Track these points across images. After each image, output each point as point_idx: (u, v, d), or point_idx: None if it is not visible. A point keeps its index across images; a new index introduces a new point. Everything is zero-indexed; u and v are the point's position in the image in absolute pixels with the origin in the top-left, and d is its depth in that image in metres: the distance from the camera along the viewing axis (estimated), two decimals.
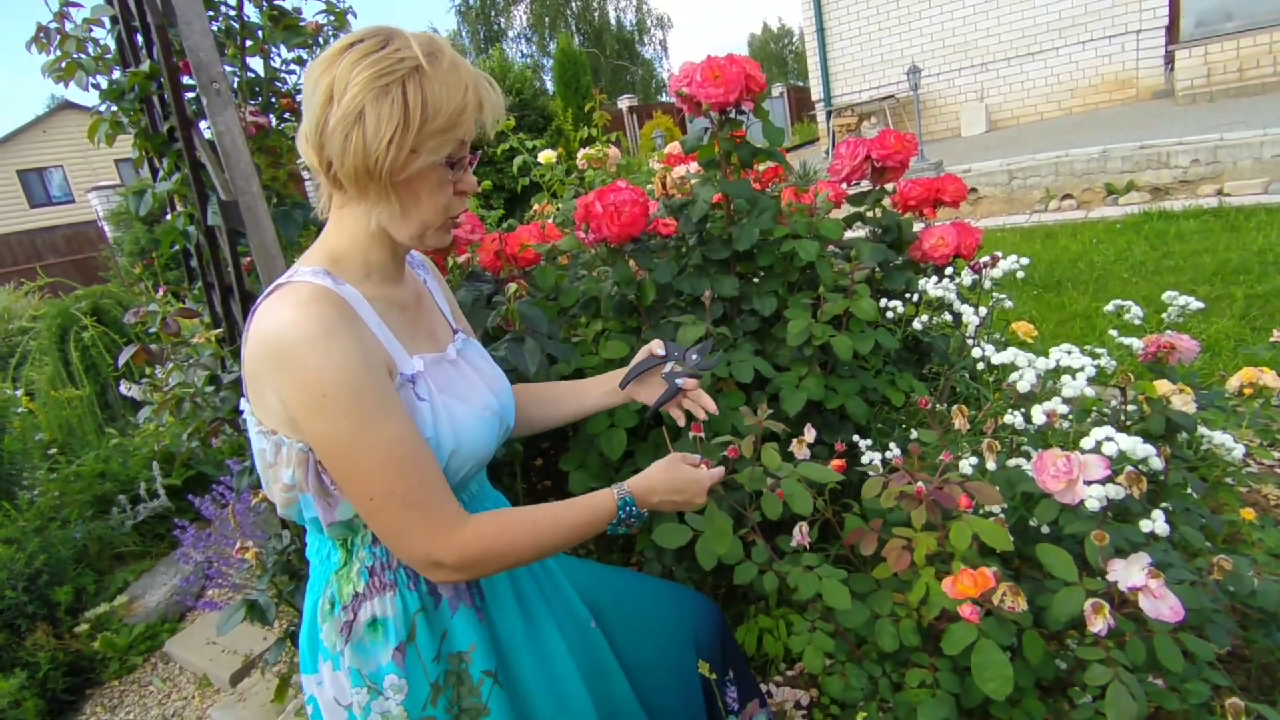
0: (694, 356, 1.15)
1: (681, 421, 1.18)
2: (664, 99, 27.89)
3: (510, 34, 28.90)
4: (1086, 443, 0.98)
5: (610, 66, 28.06)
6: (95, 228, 12.08)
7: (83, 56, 1.45)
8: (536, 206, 2.70)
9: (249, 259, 1.48)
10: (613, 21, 29.15)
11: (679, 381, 1.13)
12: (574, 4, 28.33)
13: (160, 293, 1.68)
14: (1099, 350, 1.47)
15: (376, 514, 0.84)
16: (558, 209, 2.64)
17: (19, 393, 3.92)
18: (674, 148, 2.79)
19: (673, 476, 1.02)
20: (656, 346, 1.17)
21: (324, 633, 0.95)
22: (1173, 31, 8.60)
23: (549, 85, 17.31)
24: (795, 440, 1.19)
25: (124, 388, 3.70)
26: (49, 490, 3.04)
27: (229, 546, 2.36)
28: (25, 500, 2.84)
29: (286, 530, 1.64)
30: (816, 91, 11.38)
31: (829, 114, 11.04)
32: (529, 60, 27.68)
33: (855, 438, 1.44)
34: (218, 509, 2.37)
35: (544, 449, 2.04)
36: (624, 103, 15.36)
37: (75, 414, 3.73)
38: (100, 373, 3.88)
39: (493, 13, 28.43)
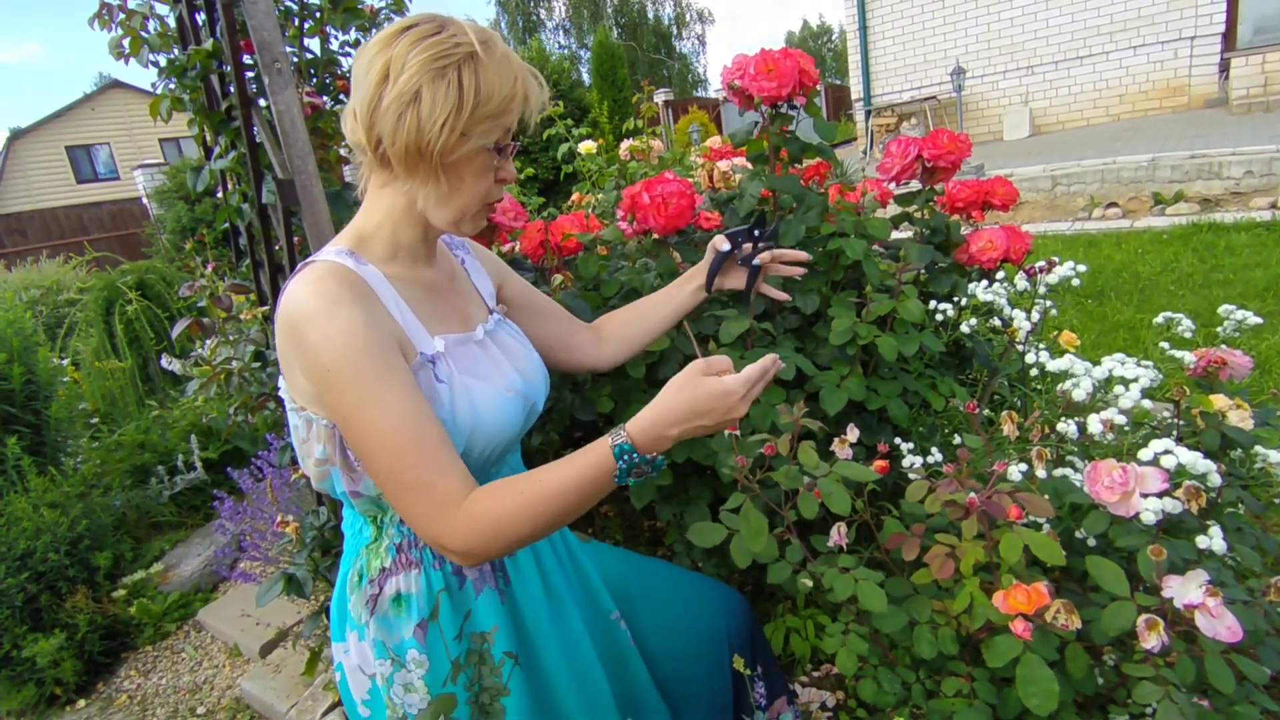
0: (756, 233, 1.17)
1: (778, 296, 1.21)
2: (700, 94, 27.76)
3: (549, 25, 28.97)
4: (1144, 454, 0.96)
5: (647, 60, 27.98)
6: (139, 205, 12.35)
7: (147, 34, 1.48)
8: (575, 196, 2.71)
9: (297, 238, 1.51)
10: (650, 16, 29.04)
11: (756, 261, 1.16)
12: None
13: (210, 269, 1.71)
14: (1145, 363, 1.43)
15: (387, 491, 0.84)
16: (596, 200, 2.64)
17: (65, 362, 4.04)
18: (715, 142, 2.78)
19: (689, 398, 0.83)
20: (720, 243, 1.19)
21: (351, 604, 0.99)
22: (1229, 38, 8.34)
23: (585, 77, 17.32)
24: (837, 440, 1.18)
25: (165, 361, 3.78)
26: (91, 458, 3.13)
27: (264, 520, 2.41)
28: (70, 466, 2.92)
29: (323, 507, 1.66)
30: (856, 90, 11.24)
31: (868, 113, 10.90)
32: (566, 52, 27.71)
33: (896, 440, 1.42)
34: (255, 483, 2.42)
35: (577, 439, 2.05)
36: (660, 97, 15.33)
37: (117, 385, 3.83)
38: (143, 346, 3.98)
39: (532, 3, 28.51)
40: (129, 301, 3.98)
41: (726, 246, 1.17)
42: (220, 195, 1.73)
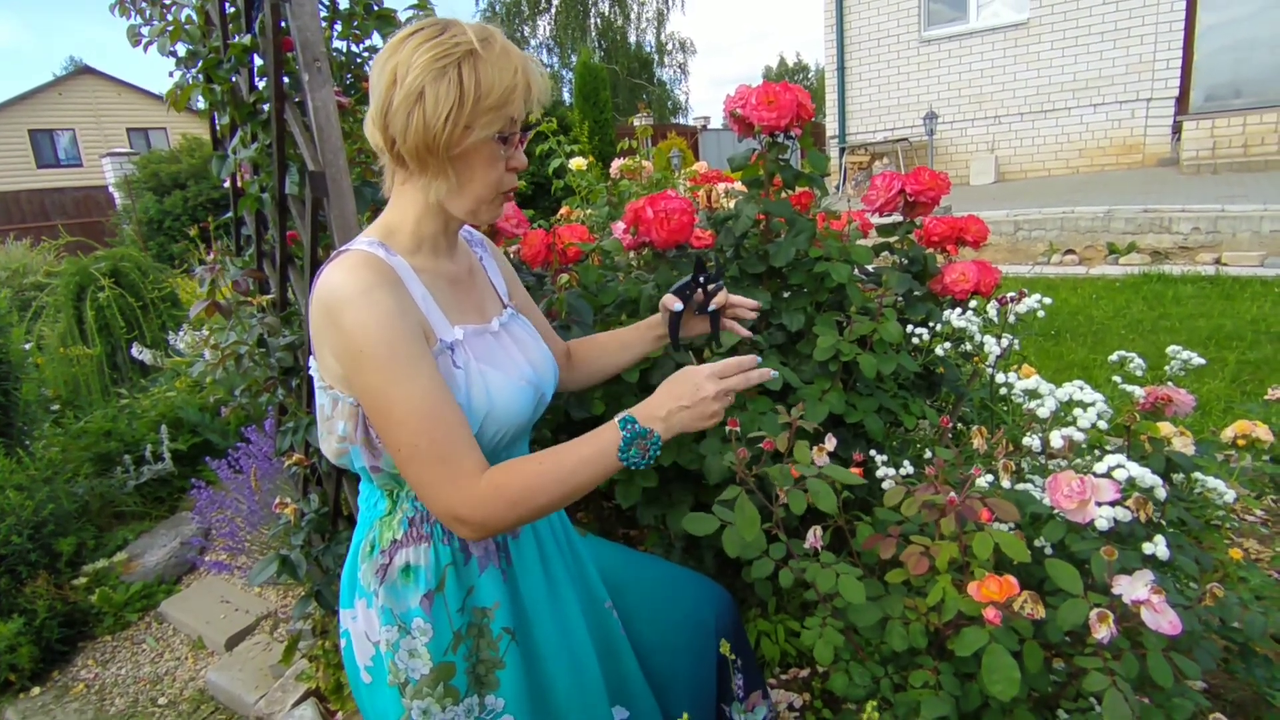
0: (701, 279, 1.19)
1: (742, 332, 1.24)
2: (678, 121, 28.18)
3: (533, 43, 29.18)
4: (1099, 467, 1.06)
5: (628, 84, 28.36)
6: (104, 193, 12.09)
7: (188, 26, 1.53)
8: (564, 210, 2.80)
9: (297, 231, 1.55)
10: (633, 41, 29.49)
11: (711, 307, 1.19)
12: (596, 20, 28.67)
13: (210, 255, 1.74)
14: (1098, 397, 1.56)
15: (406, 464, 0.91)
16: (586, 215, 2.73)
17: (28, 346, 3.95)
18: (702, 167, 2.91)
19: (669, 385, 0.99)
20: (670, 303, 1.21)
21: (362, 572, 1.04)
22: (1182, 103, 8.84)
23: (567, 96, 17.53)
24: (815, 448, 1.27)
25: (135, 350, 3.72)
26: (53, 443, 3.07)
27: (239, 513, 2.41)
28: (38, 449, 2.87)
29: (312, 495, 1.69)
30: (831, 128, 11.59)
31: (842, 150, 11.24)
32: (550, 70, 27.96)
33: (871, 452, 1.52)
34: (233, 474, 2.42)
35: (577, 421, 2.09)
36: (639, 121, 15.56)
37: (83, 372, 3.76)
38: (113, 334, 3.92)
39: (517, 20, 28.73)
40: (101, 288, 3.92)
41: (678, 305, 1.20)
42: (228, 184, 1.77)
